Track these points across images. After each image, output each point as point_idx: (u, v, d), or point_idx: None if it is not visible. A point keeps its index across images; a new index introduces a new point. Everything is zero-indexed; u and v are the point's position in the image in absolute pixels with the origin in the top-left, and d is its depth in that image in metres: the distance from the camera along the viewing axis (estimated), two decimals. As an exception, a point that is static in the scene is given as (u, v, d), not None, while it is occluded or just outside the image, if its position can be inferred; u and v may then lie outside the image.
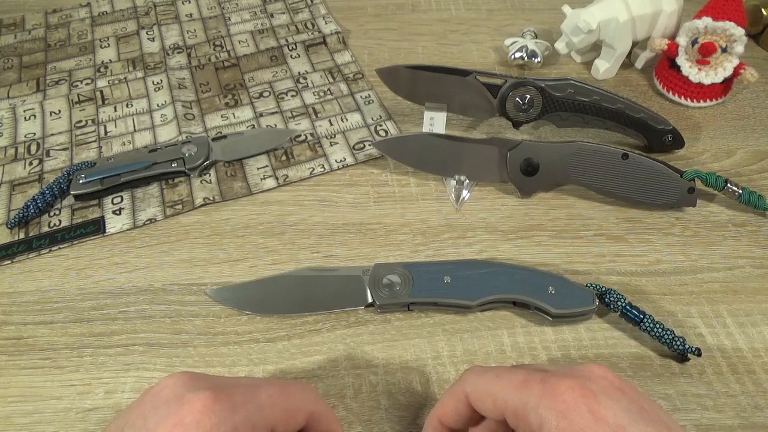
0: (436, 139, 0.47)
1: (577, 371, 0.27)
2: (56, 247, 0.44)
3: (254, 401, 0.27)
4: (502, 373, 0.28)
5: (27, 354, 0.39)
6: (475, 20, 0.63)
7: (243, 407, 0.26)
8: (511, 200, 0.47)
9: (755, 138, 0.51)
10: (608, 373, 0.27)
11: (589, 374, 0.26)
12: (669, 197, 0.45)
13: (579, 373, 0.26)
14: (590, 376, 0.26)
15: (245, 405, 0.26)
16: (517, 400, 0.26)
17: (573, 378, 0.26)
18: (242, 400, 0.26)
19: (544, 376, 0.26)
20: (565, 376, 0.26)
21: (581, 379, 0.26)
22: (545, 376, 0.26)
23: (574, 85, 0.47)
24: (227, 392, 0.26)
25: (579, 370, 0.27)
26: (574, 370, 0.27)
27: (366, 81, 0.56)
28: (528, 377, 0.27)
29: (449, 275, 0.40)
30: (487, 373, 0.28)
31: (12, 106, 0.55)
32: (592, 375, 0.26)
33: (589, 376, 0.26)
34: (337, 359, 0.38)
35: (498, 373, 0.28)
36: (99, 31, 0.62)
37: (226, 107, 0.54)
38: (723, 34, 0.50)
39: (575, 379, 0.26)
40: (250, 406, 0.26)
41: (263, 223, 0.46)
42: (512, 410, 0.26)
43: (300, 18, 0.63)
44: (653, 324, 0.38)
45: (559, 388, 0.25)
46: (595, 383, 0.25)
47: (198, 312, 0.41)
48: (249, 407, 0.26)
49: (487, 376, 0.28)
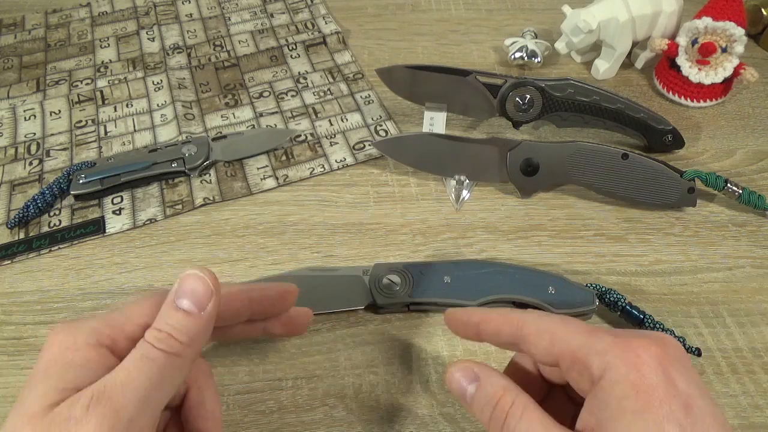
0: (436, 139, 0.47)
1: (649, 333, 0.26)
2: (56, 247, 0.44)
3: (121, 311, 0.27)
4: (563, 320, 0.27)
5: (27, 354, 0.39)
6: (475, 20, 0.63)
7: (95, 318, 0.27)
8: (511, 200, 0.47)
9: (755, 138, 0.51)
10: (679, 345, 0.26)
11: (664, 339, 0.25)
12: (669, 197, 0.45)
13: (653, 335, 0.25)
14: (666, 341, 0.25)
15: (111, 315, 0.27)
16: (581, 342, 0.25)
17: (648, 338, 0.25)
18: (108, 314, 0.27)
19: (614, 330, 0.25)
20: (639, 336, 0.25)
21: (657, 340, 0.25)
22: (615, 330, 0.25)
23: (574, 85, 0.47)
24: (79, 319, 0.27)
25: (652, 333, 0.26)
26: (647, 333, 0.26)
27: (366, 81, 0.56)
28: (594, 328, 0.26)
29: (449, 275, 0.40)
30: (551, 316, 0.27)
31: (12, 106, 0.55)
32: (668, 341, 0.25)
33: (665, 341, 0.25)
34: (337, 359, 0.38)
35: (566, 320, 0.27)
36: (99, 31, 0.62)
37: (226, 107, 0.54)
38: (723, 34, 0.50)
39: (651, 339, 0.24)
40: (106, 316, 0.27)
41: (263, 223, 0.46)
42: (571, 352, 0.25)
43: (300, 18, 0.63)
44: (653, 324, 0.38)
45: (634, 343, 0.24)
46: (673, 348, 0.24)
47: (198, 312, 0.41)
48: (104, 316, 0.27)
49: (552, 318, 0.27)
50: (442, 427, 0.35)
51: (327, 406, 0.36)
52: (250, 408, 0.36)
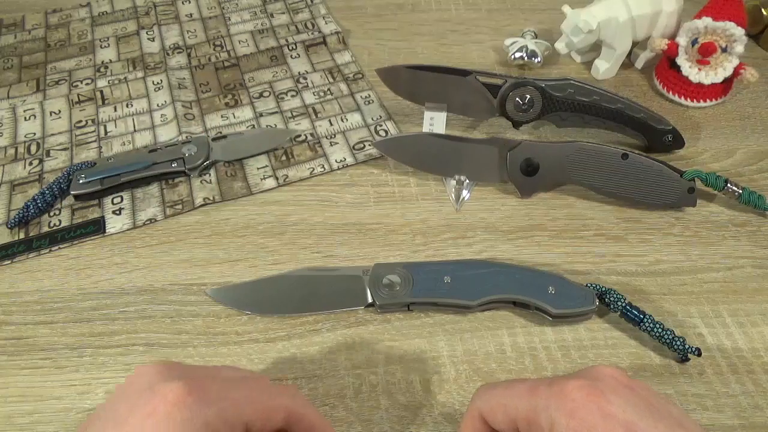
0: (436, 139, 0.47)
1: (585, 373, 0.27)
2: (56, 247, 0.44)
3: (229, 396, 0.26)
4: (510, 385, 0.28)
5: (27, 354, 0.39)
6: (475, 20, 0.63)
7: (217, 402, 0.25)
8: (511, 200, 0.47)
9: (755, 138, 0.51)
10: (616, 372, 0.27)
11: (597, 374, 0.26)
12: (669, 197, 0.45)
13: (587, 374, 0.27)
14: (598, 376, 0.26)
15: (219, 400, 0.25)
16: (527, 405, 0.26)
17: (580, 378, 0.26)
18: (216, 395, 0.26)
19: (552, 380, 0.27)
20: (573, 378, 0.26)
21: (589, 379, 0.26)
22: (553, 380, 0.27)
23: (574, 85, 0.47)
24: (201, 385, 0.25)
25: (587, 372, 0.27)
26: (583, 372, 0.27)
27: (366, 81, 0.56)
28: (536, 384, 0.27)
29: (449, 275, 0.40)
30: (496, 387, 0.29)
31: (12, 106, 0.55)
32: (600, 375, 0.26)
33: (596, 376, 0.26)
34: (337, 359, 0.38)
35: (507, 385, 0.28)
36: (99, 31, 0.62)
37: (226, 107, 0.54)
38: (723, 34, 0.50)
39: (583, 379, 0.26)
40: (225, 401, 0.26)
41: (263, 223, 0.46)
42: (523, 417, 0.26)
43: (300, 18, 0.63)
44: (653, 324, 0.38)
45: (567, 388, 0.25)
46: (603, 382, 0.26)
47: (198, 312, 0.41)
48: (223, 402, 0.25)
49: (497, 389, 0.28)
50: (442, 428, 0.35)
51: (327, 406, 0.36)
52: (250, 408, 0.36)
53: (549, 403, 0.25)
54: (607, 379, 0.26)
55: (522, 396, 0.27)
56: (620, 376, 0.26)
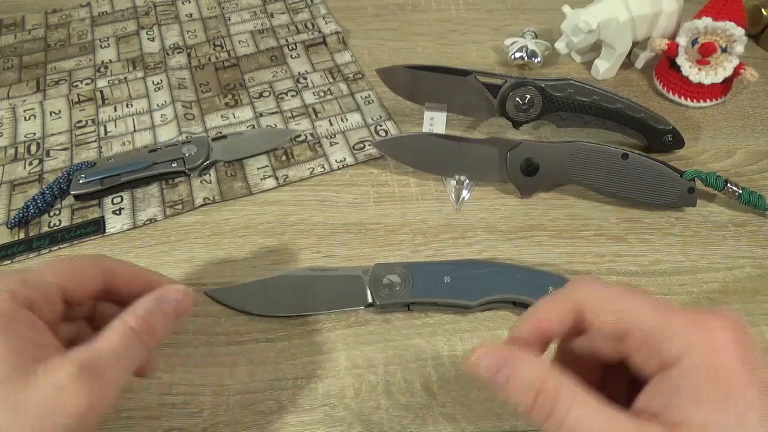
0: (436, 139, 0.47)
1: (719, 312, 0.24)
2: (56, 247, 0.44)
3: (23, 269, 0.29)
4: (629, 293, 0.25)
5: (27, 354, 0.39)
6: (475, 20, 0.63)
7: (9, 275, 0.27)
8: (511, 200, 0.47)
9: (755, 138, 0.51)
10: (745, 323, 0.24)
11: (735, 319, 0.24)
12: (669, 197, 0.45)
13: (722, 314, 0.24)
14: (737, 321, 0.23)
15: (11, 273, 0.28)
16: (653, 323, 0.23)
17: (721, 317, 0.23)
18: (7, 272, 0.28)
19: (684, 309, 0.24)
20: (712, 315, 0.23)
21: (731, 320, 0.23)
22: (685, 309, 0.24)
23: (574, 85, 0.47)
24: (8, 272, 0.28)
25: (720, 312, 0.24)
26: (715, 311, 0.24)
27: (366, 81, 0.56)
28: (664, 305, 0.24)
29: (449, 275, 0.40)
30: (611, 288, 0.26)
31: (12, 106, 0.55)
32: (738, 319, 0.24)
33: (736, 321, 0.23)
34: (337, 359, 0.38)
35: (624, 291, 0.25)
36: (99, 31, 0.62)
37: (226, 107, 0.54)
38: (723, 34, 0.50)
39: (724, 319, 0.23)
40: (32, 273, 0.28)
41: (263, 223, 0.46)
42: (641, 331, 0.24)
43: (300, 18, 0.63)
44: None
45: (710, 324, 0.23)
46: (744, 329, 0.23)
47: (198, 312, 0.41)
48: (25, 273, 0.28)
49: (613, 291, 0.25)
50: (442, 427, 0.36)
51: (327, 406, 0.36)
52: (250, 408, 0.36)
53: (686, 331, 0.23)
54: (745, 327, 0.23)
55: (648, 311, 0.24)
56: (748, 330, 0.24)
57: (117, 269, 0.31)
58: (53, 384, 0.24)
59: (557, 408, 0.23)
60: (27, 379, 0.24)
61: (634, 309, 0.24)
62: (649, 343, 0.23)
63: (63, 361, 0.25)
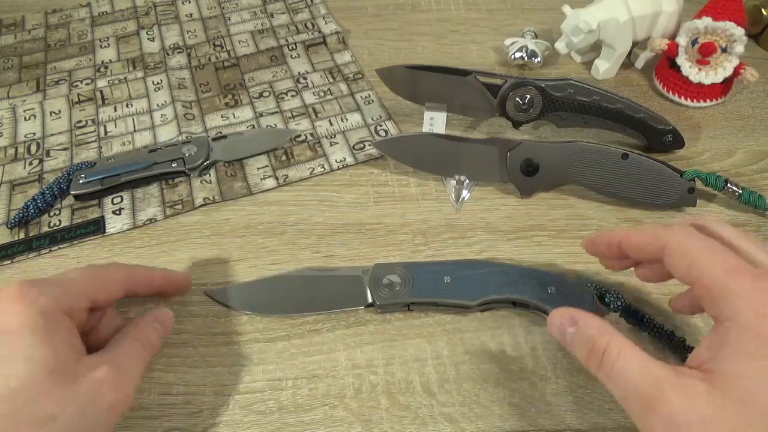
0: (436, 139, 0.47)
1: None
2: (56, 247, 0.44)
3: (62, 279, 0.32)
4: (717, 250, 0.28)
5: (27, 354, 0.39)
6: (475, 20, 0.63)
7: (53, 285, 0.31)
8: (511, 200, 0.47)
9: (755, 138, 0.51)
10: None
11: None
12: (669, 197, 0.45)
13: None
14: None
15: (54, 283, 0.31)
16: (720, 282, 0.26)
17: None
18: (50, 282, 0.31)
19: (758, 272, 0.26)
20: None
21: None
22: (759, 272, 0.26)
23: (574, 85, 0.47)
24: (33, 282, 0.30)
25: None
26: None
27: (366, 81, 0.56)
28: (741, 267, 0.27)
29: (449, 275, 0.40)
30: (701, 241, 0.28)
31: (12, 106, 0.55)
32: None
33: None
34: (337, 359, 0.38)
35: (713, 249, 0.28)
36: (99, 31, 0.62)
37: (226, 107, 0.54)
38: (723, 34, 0.50)
39: None
40: (72, 285, 0.32)
41: (263, 223, 0.46)
42: (708, 287, 0.27)
43: (300, 18, 0.63)
44: (653, 324, 0.38)
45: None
46: None
47: (198, 312, 0.41)
48: (58, 283, 0.31)
49: (702, 244, 0.28)
50: (442, 427, 0.36)
51: (327, 406, 0.36)
52: (250, 408, 0.36)
53: (743, 294, 0.25)
54: None
55: (720, 270, 0.27)
56: None
57: (136, 274, 0.37)
58: (94, 378, 0.29)
59: (605, 361, 0.28)
60: (74, 373, 0.29)
61: (710, 267, 0.27)
62: (709, 296, 0.27)
63: (98, 360, 0.30)
